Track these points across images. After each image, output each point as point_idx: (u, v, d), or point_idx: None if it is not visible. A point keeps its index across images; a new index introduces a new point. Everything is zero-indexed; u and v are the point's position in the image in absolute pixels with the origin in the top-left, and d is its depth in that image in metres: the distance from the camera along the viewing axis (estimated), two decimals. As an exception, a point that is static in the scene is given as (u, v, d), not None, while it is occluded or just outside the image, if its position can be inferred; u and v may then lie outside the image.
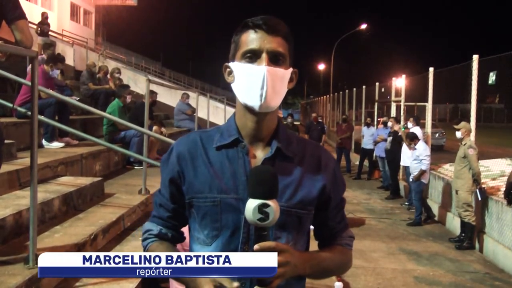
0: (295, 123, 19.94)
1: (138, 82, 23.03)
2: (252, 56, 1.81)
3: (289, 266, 1.69)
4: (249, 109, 1.86)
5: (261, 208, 1.64)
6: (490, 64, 11.04)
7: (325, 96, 39.40)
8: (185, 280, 1.81)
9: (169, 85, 17.08)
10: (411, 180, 11.13)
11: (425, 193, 11.08)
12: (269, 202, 1.65)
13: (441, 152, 11.88)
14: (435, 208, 11.49)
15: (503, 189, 7.97)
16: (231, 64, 1.89)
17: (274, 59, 1.81)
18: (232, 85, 1.89)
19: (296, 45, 2.03)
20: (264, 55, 1.79)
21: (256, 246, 1.64)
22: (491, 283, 7.46)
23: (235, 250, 1.81)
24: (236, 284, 1.65)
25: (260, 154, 1.90)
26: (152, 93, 11.84)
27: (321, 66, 56.62)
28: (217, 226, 1.86)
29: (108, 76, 15.38)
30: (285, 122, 17.24)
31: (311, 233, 2.06)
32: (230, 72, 1.90)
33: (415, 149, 11.14)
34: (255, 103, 1.82)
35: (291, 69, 1.90)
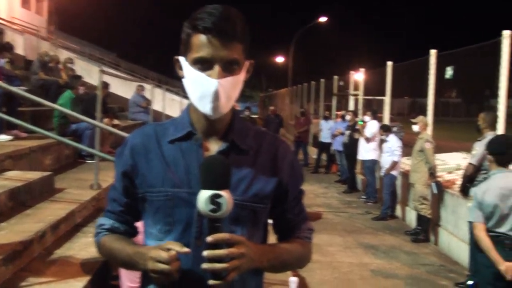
0: (252, 116, 19.96)
1: (91, 73, 22.65)
2: (204, 64, 1.76)
3: (245, 258, 1.68)
4: None
5: (213, 199, 1.62)
6: (447, 59, 11.24)
7: (283, 89, 39.52)
8: (135, 259, 1.79)
9: (123, 77, 16.83)
10: (382, 173, 11.24)
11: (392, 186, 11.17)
12: (221, 192, 1.63)
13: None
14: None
15: (458, 182, 8.13)
16: (182, 62, 1.85)
17: (228, 68, 1.77)
18: (183, 81, 1.86)
19: (254, 37, 1.99)
20: (216, 66, 1.75)
21: (209, 238, 1.62)
22: (445, 275, 7.64)
23: (188, 245, 1.78)
24: (186, 249, 1.66)
25: (214, 147, 1.89)
26: (106, 85, 11.66)
27: (280, 59, 56.76)
28: (169, 221, 1.84)
29: (60, 66, 15.07)
30: (242, 116, 17.24)
31: (272, 228, 2.06)
32: (181, 67, 1.86)
33: (387, 141, 11.21)
34: (206, 111, 1.80)
35: (247, 64, 1.87)
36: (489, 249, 4.53)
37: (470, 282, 7.06)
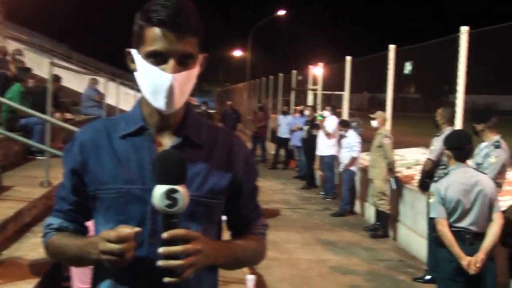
0: (209, 111, 19.90)
1: (41, 66, 22.19)
2: (158, 57, 1.74)
3: (201, 255, 1.67)
4: None
5: (169, 194, 1.60)
6: (406, 54, 11.41)
7: (241, 84, 39.52)
8: (86, 251, 1.77)
9: (75, 69, 16.56)
10: (341, 169, 11.32)
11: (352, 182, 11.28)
12: (177, 187, 1.62)
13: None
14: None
15: (417, 177, 8.28)
16: (134, 54, 1.82)
17: (183, 62, 1.76)
18: (135, 75, 1.83)
19: (212, 30, 1.97)
20: (171, 60, 1.73)
21: (164, 235, 1.61)
22: (404, 270, 7.77)
23: (142, 244, 1.77)
24: (137, 228, 1.65)
25: (167, 142, 1.87)
26: (57, 78, 11.45)
27: (238, 53, 56.73)
28: (122, 218, 1.81)
29: (9, 58, 14.72)
30: (199, 110, 17.19)
31: (226, 225, 2.06)
32: (133, 60, 1.84)
33: (346, 136, 11.30)
34: (160, 107, 1.78)
35: (201, 58, 1.85)
36: (452, 244, 4.63)
37: (428, 277, 7.21)
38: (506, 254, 5.32)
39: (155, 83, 1.75)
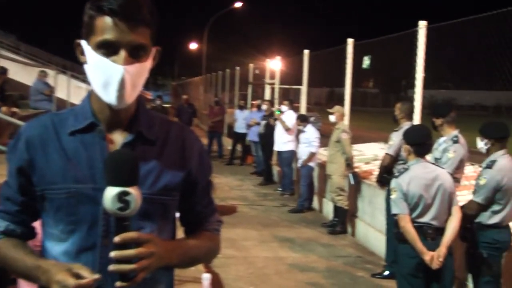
0: (164, 105, 19.74)
1: (-13, 58, 21.66)
2: (109, 48, 1.69)
3: (154, 257, 1.65)
4: None
5: (121, 196, 1.57)
6: (365, 48, 11.52)
7: (197, 77, 39.36)
8: (35, 274, 1.71)
9: (24, 61, 16.23)
10: (299, 165, 11.35)
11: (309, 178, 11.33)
12: (129, 189, 1.58)
13: (317, 136, 12.54)
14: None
15: (376, 173, 8.37)
16: (84, 46, 1.77)
17: (135, 53, 1.72)
18: (85, 67, 1.78)
19: (166, 22, 1.94)
20: (122, 51, 1.69)
21: (116, 238, 1.57)
22: (362, 266, 7.85)
23: (94, 245, 1.74)
24: (97, 275, 1.59)
25: (119, 138, 1.83)
26: (3, 70, 11.18)
27: (194, 46, 56.40)
28: (73, 219, 1.76)
29: (-49, 49, 14.32)
30: (153, 105, 17.03)
31: (179, 221, 2.03)
32: (83, 52, 1.78)
33: (304, 131, 11.32)
34: (111, 101, 1.73)
35: (154, 51, 1.82)
36: (415, 240, 4.68)
37: (386, 273, 7.31)
38: (464, 248, 5.42)
39: (106, 75, 1.70)
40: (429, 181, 4.79)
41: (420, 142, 4.92)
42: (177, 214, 2.00)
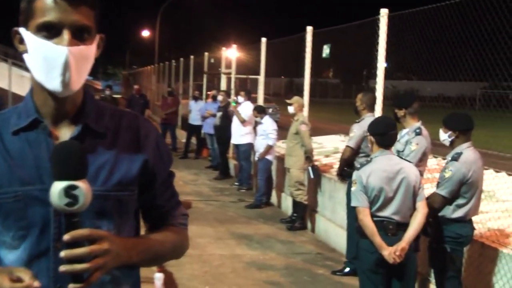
0: (114, 96, 19.52)
1: None
2: (50, 30, 1.63)
3: (110, 255, 1.59)
4: None
5: (68, 191, 1.51)
6: (325, 37, 11.54)
7: (149, 67, 39.05)
8: None
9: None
10: (257, 158, 11.33)
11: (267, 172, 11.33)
12: (77, 183, 1.52)
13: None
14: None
15: (336, 166, 8.40)
16: (22, 32, 1.70)
17: (79, 35, 1.66)
18: (25, 57, 1.71)
19: (117, 8, 1.88)
20: (65, 32, 1.63)
21: (66, 236, 1.51)
22: (322, 263, 7.89)
23: (47, 250, 1.69)
24: (37, 284, 1.52)
25: (65, 133, 1.76)
26: None
27: (146, 33, 55.90)
28: (23, 224, 1.70)
29: None
30: (103, 95, 16.83)
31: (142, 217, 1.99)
32: (22, 40, 1.72)
33: (262, 123, 11.29)
34: (55, 88, 1.67)
35: (97, 38, 1.76)
36: (374, 234, 4.71)
37: (347, 269, 7.36)
38: (427, 243, 5.48)
39: (49, 58, 1.64)
40: (391, 174, 4.82)
41: (383, 132, 4.94)
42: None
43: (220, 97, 14.67)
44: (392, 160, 4.94)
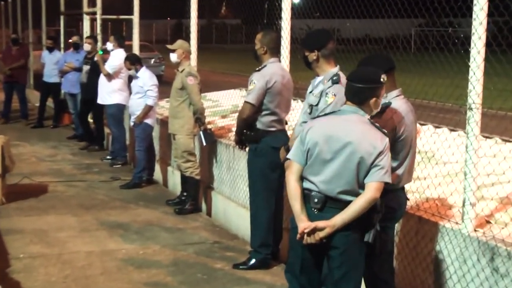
0: None
1: None
2: None
3: None
4: None
5: None
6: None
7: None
8: None
9: None
10: (132, 123, 11.12)
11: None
12: None
13: (160, 83, 12.12)
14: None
15: (235, 129, 8.29)
16: None
17: None
18: None
19: None
20: None
21: None
22: (221, 255, 7.89)
23: None
24: None
25: None
26: None
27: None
28: None
29: None
30: None
31: None
32: None
33: (137, 77, 11.00)
34: None
35: None
36: (294, 197, 4.63)
37: (253, 261, 7.30)
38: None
39: None
40: (339, 133, 4.63)
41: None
42: None
43: (87, 46, 14.32)
44: (352, 121, 4.74)
